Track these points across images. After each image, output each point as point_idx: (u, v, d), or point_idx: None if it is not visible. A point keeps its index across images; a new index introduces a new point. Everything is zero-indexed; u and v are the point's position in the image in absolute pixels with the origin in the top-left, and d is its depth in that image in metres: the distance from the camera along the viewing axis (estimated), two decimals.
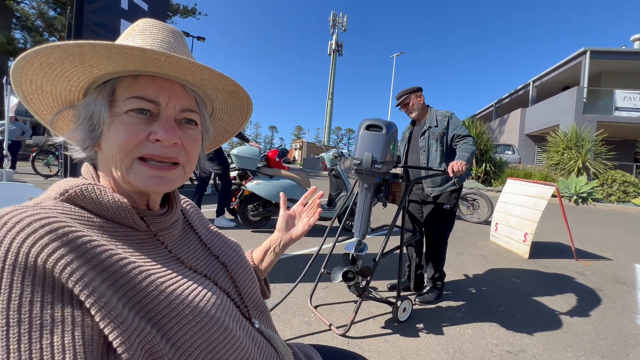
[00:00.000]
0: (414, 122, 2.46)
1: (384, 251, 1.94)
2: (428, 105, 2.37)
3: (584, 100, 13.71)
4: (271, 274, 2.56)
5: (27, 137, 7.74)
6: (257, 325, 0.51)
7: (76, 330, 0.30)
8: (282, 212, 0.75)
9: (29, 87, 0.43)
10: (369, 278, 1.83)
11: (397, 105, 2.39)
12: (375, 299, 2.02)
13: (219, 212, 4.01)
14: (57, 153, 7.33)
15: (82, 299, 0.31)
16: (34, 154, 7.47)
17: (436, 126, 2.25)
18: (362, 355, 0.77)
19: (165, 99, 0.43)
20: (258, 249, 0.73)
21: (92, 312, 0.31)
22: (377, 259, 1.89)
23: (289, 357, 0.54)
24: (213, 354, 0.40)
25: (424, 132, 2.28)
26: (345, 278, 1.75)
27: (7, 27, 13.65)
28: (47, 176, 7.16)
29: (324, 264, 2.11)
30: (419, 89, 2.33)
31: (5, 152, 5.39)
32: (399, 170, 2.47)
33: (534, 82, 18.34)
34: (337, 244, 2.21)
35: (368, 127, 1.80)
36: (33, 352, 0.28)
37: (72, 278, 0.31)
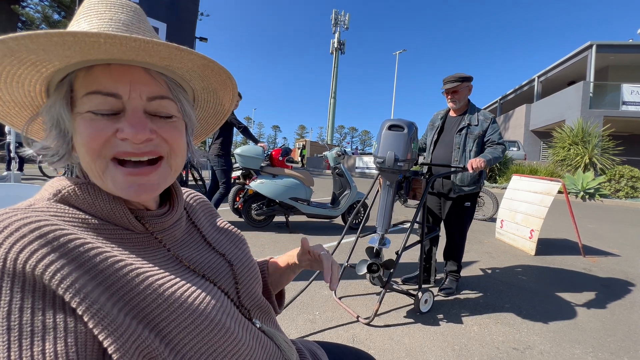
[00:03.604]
0: (447, 110, 2.38)
1: (405, 245, 2.03)
2: (468, 99, 2.30)
3: (590, 95, 13.51)
4: None
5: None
6: (258, 325, 0.50)
7: (69, 337, 0.29)
8: (302, 252, 0.67)
9: None
10: (392, 270, 1.93)
11: (442, 88, 2.25)
12: (397, 290, 2.08)
13: None
14: None
15: (74, 305, 0.30)
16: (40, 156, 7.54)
17: (476, 125, 2.20)
18: (368, 353, 0.77)
19: (126, 88, 0.37)
20: (279, 259, 0.69)
21: (85, 319, 0.30)
22: (399, 253, 1.99)
23: (292, 354, 0.53)
24: (214, 357, 0.39)
25: (462, 128, 2.23)
26: (370, 270, 1.86)
27: (13, 31, 13.79)
28: (53, 177, 7.25)
29: (347, 258, 2.23)
30: (471, 79, 2.21)
31: (12, 154, 5.46)
32: (421, 159, 2.48)
33: (539, 77, 18.12)
34: (342, 240, 2.24)
35: (390, 127, 1.90)
36: (24, 359, 0.27)
37: (62, 285, 0.30)
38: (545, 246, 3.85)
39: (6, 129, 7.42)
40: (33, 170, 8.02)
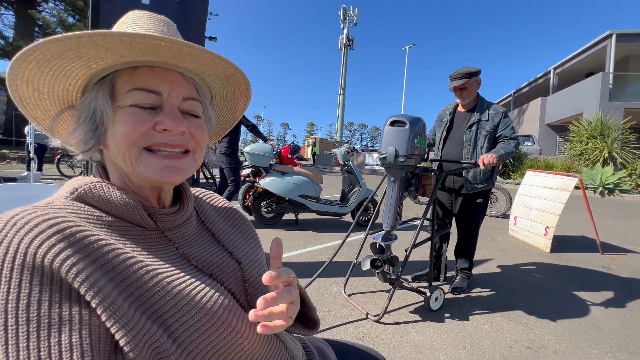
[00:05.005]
0: (456, 105, 2.31)
1: (415, 242, 2.01)
2: (478, 93, 2.23)
3: (610, 86, 13.00)
4: None
5: (46, 137, 8.10)
6: None
7: (84, 329, 0.31)
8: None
9: (25, 90, 0.42)
10: (400, 267, 1.92)
11: (449, 85, 2.18)
12: (407, 288, 2.06)
13: None
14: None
15: (88, 299, 0.31)
16: (58, 157, 7.83)
17: (487, 120, 2.13)
18: (375, 350, 0.77)
19: (166, 88, 0.43)
20: None
21: (98, 312, 0.31)
22: (409, 250, 1.98)
23: (298, 351, 0.54)
24: (219, 354, 0.40)
25: (472, 124, 2.17)
26: (373, 265, 1.88)
27: (30, 36, 14.29)
28: (70, 177, 7.48)
29: (357, 255, 2.22)
30: (479, 72, 2.11)
31: (32, 155, 5.67)
32: (431, 155, 2.44)
33: (554, 69, 17.56)
34: (348, 239, 2.23)
35: (392, 123, 1.89)
36: (41, 350, 0.29)
37: (77, 278, 0.31)
38: (561, 243, 3.74)
39: (25, 130, 7.69)
40: (52, 170, 8.29)
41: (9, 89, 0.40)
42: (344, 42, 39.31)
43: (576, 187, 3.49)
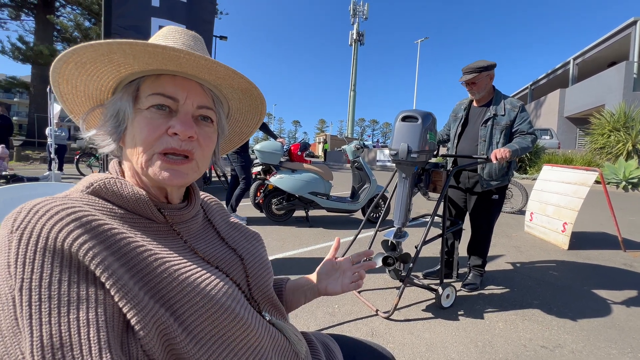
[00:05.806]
0: (471, 100, 2.25)
1: (426, 239, 1.98)
2: (494, 86, 2.15)
3: (635, 76, 12.41)
4: (293, 269, 2.60)
5: (66, 138, 8.40)
6: (267, 318, 0.52)
7: (99, 308, 0.33)
8: (328, 256, 0.71)
9: (65, 87, 0.48)
10: (411, 265, 1.90)
11: (460, 79, 2.12)
12: (418, 285, 2.04)
13: (233, 209, 3.87)
14: (97, 155, 7.91)
15: (103, 280, 0.34)
16: (77, 157, 8.12)
17: (503, 115, 2.06)
18: (383, 347, 0.77)
19: (183, 95, 0.46)
20: (294, 281, 0.71)
21: (112, 293, 0.34)
22: (419, 247, 1.95)
23: (301, 346, 0.54)
24: (223, 340, 0.42)
25: (488, 120, 2.10)
26: (385, 263, 1.86)
27: (49, 40, 14.81)
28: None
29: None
30: (492, 66, 2.03)
31: (52, 155, 5.89)
32: (443, 151, 2.39)
33: (574, 59, 16.90)
34: (359, 236, 2.22)
35: (404, 119, 1.86)
36: (62, 324, 0.31)
37: (93, 261, 0.34)
38: (580, 240, 3.62)
39: (46, 131, 8.01)
40: (72, 169, 8.60)
41: (52, 85, 0.47)
42: (354, 38, 38.95)
43: (597, 182, 3.35)
